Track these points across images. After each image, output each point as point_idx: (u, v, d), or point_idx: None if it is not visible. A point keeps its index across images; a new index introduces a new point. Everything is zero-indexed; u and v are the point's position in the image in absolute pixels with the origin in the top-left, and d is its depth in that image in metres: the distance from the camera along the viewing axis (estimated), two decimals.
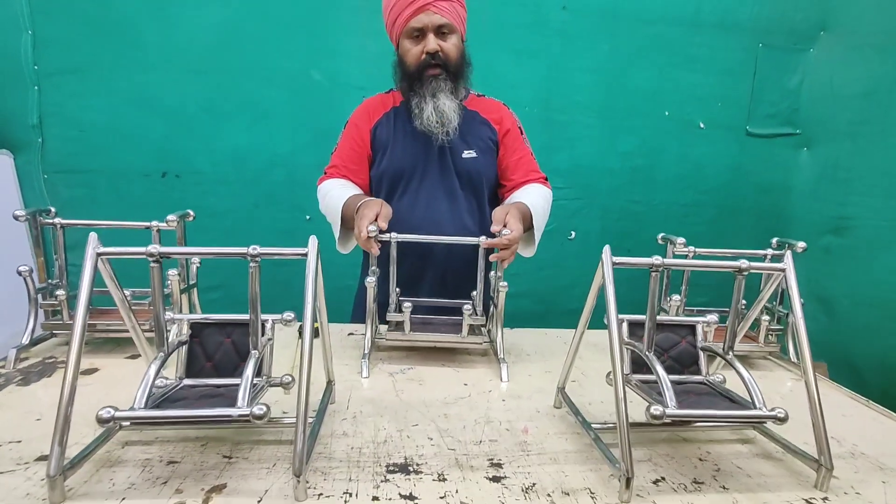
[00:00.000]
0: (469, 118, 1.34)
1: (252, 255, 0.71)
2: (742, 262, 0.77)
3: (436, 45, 1.23)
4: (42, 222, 1.06)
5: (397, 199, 1.32)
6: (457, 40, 1.27)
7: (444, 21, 1.22)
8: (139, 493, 0.64)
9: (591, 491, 0.68)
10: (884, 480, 0.74)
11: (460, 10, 1.27)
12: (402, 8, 1.22)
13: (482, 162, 1.34)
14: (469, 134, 1.33)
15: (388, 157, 1.32)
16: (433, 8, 1.20)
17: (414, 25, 1.22)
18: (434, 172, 1.31)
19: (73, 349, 0.64)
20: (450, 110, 1.26)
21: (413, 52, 1.26)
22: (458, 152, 1.32)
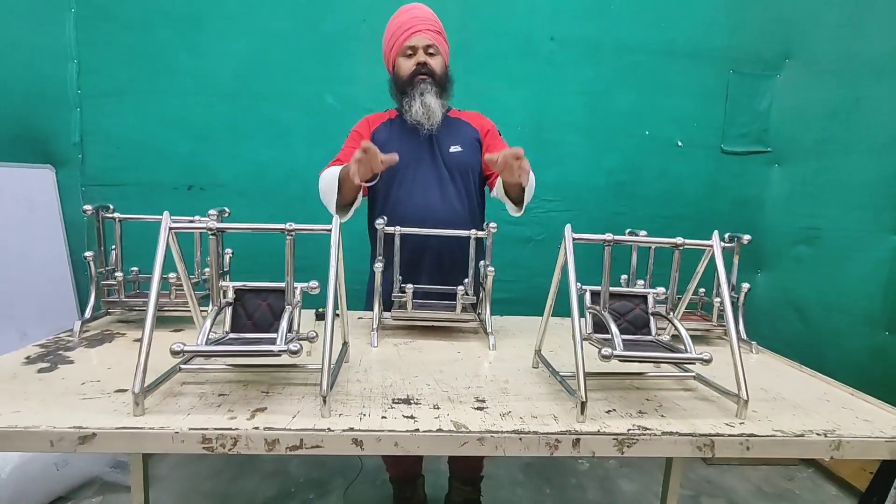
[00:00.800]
0: (454, 122, 1.63)
1: (288, 230, 0.91)
2: (678, 238, 0.96)
3: (425, 58, 1.53)
4: (104, 216, 1.25)
5: (395, 188, 1.55)
6: (441, 60, 1.56)
7: (431, 42, 1.53)
8: (199, 412, 0.82)
9: (555, 416, 0.85)
10: (794, 414, 0.91)
11: (444, 43, 1.59)
12: (400, 33, 1.53)
13: (467, 155, 1.59)
14: (454, 133, 1.60)
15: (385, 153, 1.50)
16: (423, 33, 1.52)
17: (408, 45, 1.52)
18: (426, 165, 1.55)
19: (151, 298, 0.83)
20: (435, 105, 1.52)
21: (406, 65, 1.55)
22: (445, 147, 1.57)
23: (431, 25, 1.54)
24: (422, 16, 1.54)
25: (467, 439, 0.79)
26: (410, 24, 1.52)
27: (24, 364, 0.99)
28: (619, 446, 0.80)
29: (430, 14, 1.57)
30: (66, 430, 0.74)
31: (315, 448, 0.77)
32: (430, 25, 1.53)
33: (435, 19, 1.57)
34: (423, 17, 1.54)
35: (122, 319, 1.31)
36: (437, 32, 1.55)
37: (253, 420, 0.79)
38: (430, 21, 1.54)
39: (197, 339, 0.85)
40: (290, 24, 2.25)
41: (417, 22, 1.52)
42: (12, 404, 0.81)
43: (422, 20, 1.53)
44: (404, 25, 1.52)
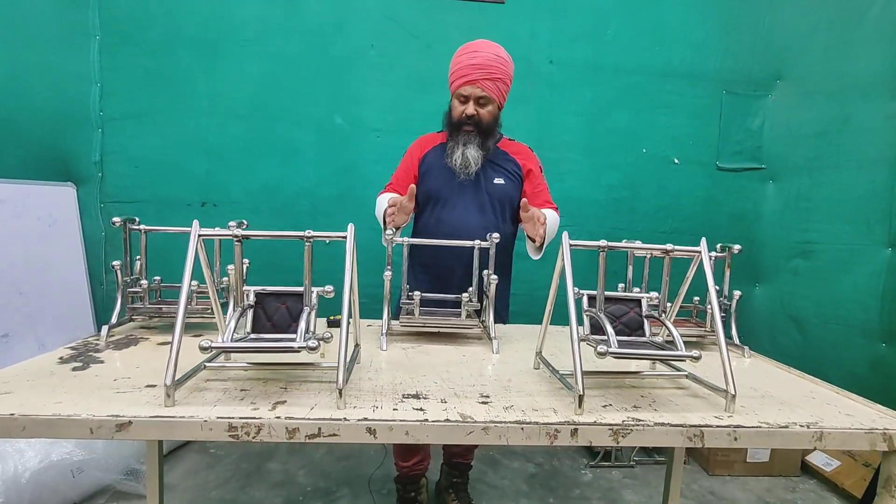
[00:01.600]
0: (501, 154, 1.71)
1: (307, 237, 0.99)
2: (668, 245, 1.03)
3: (473, 110, 1.60)
4: (130, 228, 1.33)
5: (439, 209, 1.66)
6: (493, 108, 1.64)
7: (484, 94, 1.59)
8: (224, 404, 0.88)
9: (555, 409, 0.92)
10: (780, 409, 0.97)
11: (503, 87, 1.63)
12: (458, 76, 1.60)
13: (507, 187, 1.69)
14: (499, 166, 1.70)
15: (432, 178, 1.68)
16: (478, 83, 1.57)
17: (462, 92, 1.60)
18: (469, 191, 1.66)
19: (182, 299, 0.90)
20: (473, 158, 1.61)
21: (458, 109, 1.63)
22: (490, 178, 1.68)
23: (489, 74, 1.56)
24: (482, 63, 1.55)
25: (473, 428, 0.85)
26: (467, 73, 1.56)
27: (59, 363, 1.06)
28: (615, 436, 0.86)
29: (493, 59, 1.57)
30: (104, 417, 0.81)
31: (332, 436, 0.83)
32: (487, 74, 1.56)
33: (496, 65, 1.57)
34: (483, 64, 1.55)
35: (144, 326, 1.38)
36: (496, 80, 1.58)
37: (274, 411, 0.86)
38: (489, 69, 1.56)
39: (222, 337, 0.92)
40: (302, 48, 2.37)
41: (474, 71, 1.55)
42: (53, 396, 0.88)
43: (480, 68, 1.55)
44: (461, 72, 1.57)
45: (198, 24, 2.30)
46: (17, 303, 2.09)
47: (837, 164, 2.43)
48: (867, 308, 2.35)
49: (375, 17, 2.39)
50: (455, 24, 2.43)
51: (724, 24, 2.55)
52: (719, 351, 0.95)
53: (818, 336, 2.51)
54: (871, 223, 2.33)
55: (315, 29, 2.37)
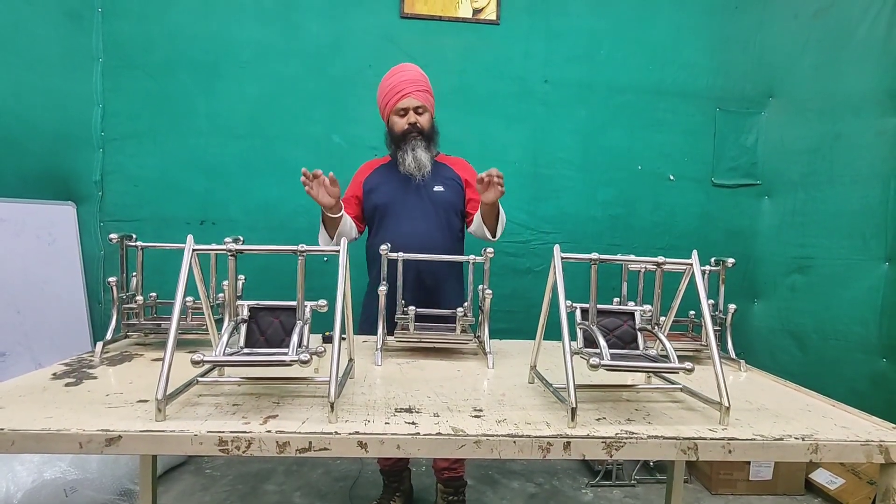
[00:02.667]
0: (440, 166, 1.88)
1: (300, 251, 0.99)
2: (659, 258, 1.03)
3: (415, 118, 1.78)
4: (127, 244, 1.34)
5: (387, 219, 1.78)
6: (428, 117, 1.82)
7: (420, 104, 1.78)
8: (215, 419, 0.88)
9: (548, 423, 0.91)
10: (775, 422, 0.96)
11: (430, 98, 1.83)
12: (391, 95, 1.78)
13: (448, 194, 1.84)
14: (438, 176, 1.85)
15: (378, 193, 1.82)
16: (413, 95, 1.77)
17: (400, 106, 1.77)
18: (413, 201, 1.81)
19: (175, 314, 0.90)
20: (424, 159, 1.78)
21: (399, 123, 1.79)
22: (430, 188, 1.82)
23: (420, 87, 1.77)
24: (411, 78, 1.76)
25: (465, 442, 0.84)
26: (401, 88, 1.75)
27: (52, 379, 1.06)
28: (608, 449, 0.86)
29: (419, 75, 1.79)
30: (94, 432, 0.80)
31: (323, 450, 0.83)
32: (418, 87, 1.76)
33: (423, 79, 1.79)
34: (413, 79, 1.76)
35: (139, 343, 1.38)
36: (425, 91, 1.79)
37: (265, 425, 0.85)
38: (418, 83, 1.77)
39: (214, 351, 0.92)
40: (301, 70, 2.42)
41: (407, 85, 1.75)
42: (45, 411, 0.87)
43: (411, 83, 1.75)
44: (395, 88, 1.76)
45: (198, 46, 2.35)
46: (14, 321, 2.09)
47: (831, 179, 2.45)
48: (866, 323, 2.34)
49: (372, 39, 2.44)
50: (450, 45, 2.48)
51: (715, 44, 2.60)
52: (713, 364, 0.95)
53: (818, 352, 2.50)
54: (867, 238, 2.34)
55: (313, 50, 2.42)
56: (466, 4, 2.50)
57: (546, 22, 2.52)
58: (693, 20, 2.58)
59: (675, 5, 2.57)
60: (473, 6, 2.50)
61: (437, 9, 2.48)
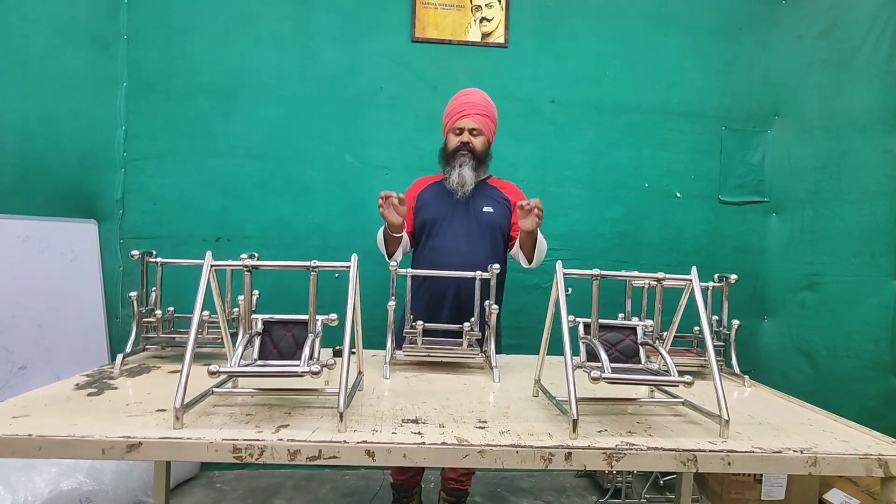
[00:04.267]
0: (491, 188, 1.92)
1: (312, 267, 1.04)
2: (660, 273, 1.06)
3: (468, 138, 1.84)
4: (147, 261, 1.40)
5: (433, 237, 1.82)
6: (483, 140, 1.87)
7: (476, 126, 1.84)
8: (230, 427, 0.92)
9: (550, 434, 0.94)
10: (775, 435, 0.98)
11: (491, 124, 1.88)
12: (453, 115, 1.85)
13: (496, 215, 1.85)
14: (489, 197, 1.88)
15: (427, 209, 1.86)
16: (471, 117, 1.83)
17: (457, 126, 1.84)
18: (460, 219, 1.83)
19: (193, 324, 0.95)
20: (469, 177, 1.81)
21: (453, 140, 1.86)
22: (479, 207, 1.85)
23: (480, 110, 1.83)
24: (473, 102, 1.83)
25: (469, 452, 0.87)
26: (462, 109, 1.83)
27: (75, 389, 1.11)
28: (608, 460, 0.88)
29: (482, 100, 1.85)
30: (116, 439, 0.85)
31: (332, 458, 0.86)
32: (478, 110, 1.83)
33: (485, 104, 1.85)
34: (475, 102, 1.83)
35: (157, 355, 1.43)
36: (485, 116, 1.84)
37: (277, 433, 0.89)
38: (479, 106, 1.84)
39: (230, 363, 0.97)
40: (315, 92, 2.50)
41: (468, 107, 1.83)
42: (70, 419, 0.92)
43: (472, 105, 1.83)
44: (457, 109, 1.84)
45: (217, 71, 2.45)
46: (36, 336, 2.16)
47: (839, 197, 2.45)
48: (877, 340, 2.32)
49: (385, 63, 2.52)
50: (461, 68, 2.55)
51: (720, 65, 2.64)
52: (711, 376, 0.97)
53: (829, 370, 2.47)
54: (876, 255, 2.34)
55: (328, 74, 2.50)
56: (475, 28, 2.57)
57: (553, 45, 2.59)
58: (698, 42, 2.63)
59: (681, 28, 2.63)
60: (482, 30, 2.58)
61: (447, 33, 2.56)
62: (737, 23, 2.64)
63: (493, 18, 2.58)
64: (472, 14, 2.57)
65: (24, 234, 2.14)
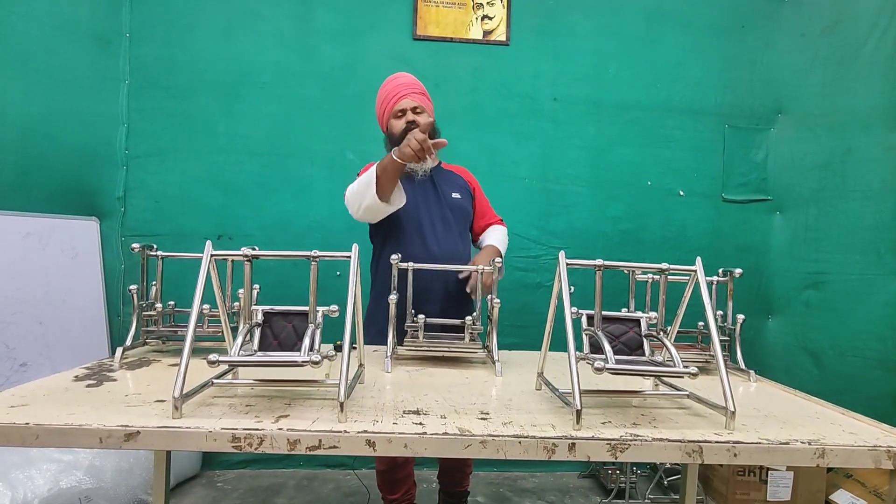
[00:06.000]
0: (449, 173, 1.91)
1: (313, 257, 1.03)
2: (664, 264, 1.05)
3: (413, 117, 1.76)
4: (148, 254, 1.40)
5: (405, 226, 1.76)
6: (426, 116, 1.79)
7: (416, 104, 1.77)
8: (229, 418, 0.90)
9: (553, 425, 0.92)
10: (781, 427, 0.96)
11: (428, 102, 1.83)
12: (389, 98, 1.79)
13: (463, 201, 1.86)
14: (451, 184, 1.87)
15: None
16: (409, 96, 1.77)
17: (398, 108, 1.76)
18: (433, 207, 1.80)
19: (193, 316, 0.94)
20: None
21: (398, 124, 1.77)
22: (448, 193, 1.83)
23: (415, 89, 1.80)
24: (406, 82, 1.79)
25: (471, 442, 0.86)
26: (397, 91, 1.78)
27: (74, 381, 1.10)
28: (612, 451, 0.86)
29: (413, 80, 1.82)
30: (114, 427, 0.84)
31: (332, 448, 0.85)
32: (414, 89, 1.79)
33: (418, 83, 1.82)
34: (408, 83, 1.79)
35: (157, 350, 1.42)
36: (421, 94, 1.80)
37: (277, 423, 0.88)
38: (413, 86, 1.80)
39: (230, 352, 0.96)
40: (317, 90, 2.50)
41: (402, 88, 1.78)
42: (67, 409, 0.91)
43: (406, 86, 1.78)
44: (392, 92, 1.79)
45: (219, 69, 2.45)
46: (36, 333, 2.15)
47: (843, 194, 2.44)
48: (884, 339, 2.30)
49: (386, 60, 2.52)
50: (461, 65, 2.54)
51: (721, 62, 2.63)
52: (717, 367, 0.96)
53: (836, 369, 2.45)
54: (882, 253, 2.32)
55: (329, 72, 2.50)
56: (477, 26, 2.57)
57: (554, 43, 2.59)
58: (700, 40, 2.63)
59: (682, 26, 2.62)
60: (484, 28, 2.57)
61: (449, 31, 2.56)
62: (739, 20, 2.63)
63: (494, 16, 2.57)
64: (474, 12, 2.57)
65: (24, 231, 2.14)
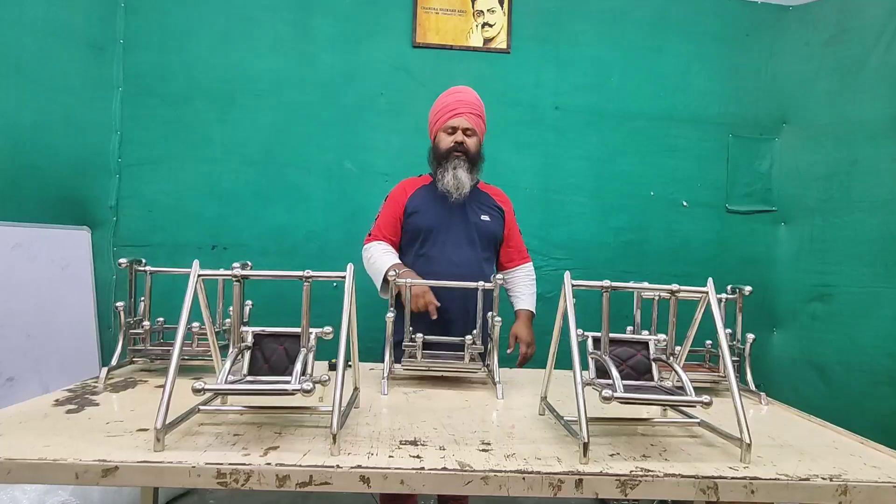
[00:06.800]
0: (482, 195, 1.82)
1: (305, 277, 0.98)
2: (674, 286, 1.00)
3: (462, 138, 1.72)
4: (136, 269, 1.35)
5: (428, 247, 1.70)
6: (476, 141, 1.76)
7: (470, 126, 1.73)
8: (215, 449, 0.85)
9: (559, 458, 0.87)
10: (800, 460, 0.91)
11: (483, 125, 1.79)
12: (444, 112, 1.74)
13: (493, 224, 1.78)
14: (483, 205, 1.80)
15: (421, 216, 1.73)
16: (465, 116, 1.72)
17: (450, 124, 1.72)
18: (458, 227, 1.73)
19: (178, 340, 0.89)
20: (464, 179, 1.70)
21: (446, 140, 1.74)
22: (476, 215, 1.76)
23: (473, 109, 1.73)
24: (466, 100, 1.73)
25: (471, 478, 0.81)
26: (455, 107, 1.72)
27: (54, 406, 1.05)
28: (622, 487, 0.81)
29: (475, 98, 1.75)
30: (90, 462, 0.78)
31: (324, 485, 0.80)
32: (472, 109, 1.73)
33: (478, 104, 1.75)
34: (468, 101, 1.73)
35: (145, 368, 1.37)
36: (478, 116, 1.74)
37: (266, 457, 0.83)
38: (472, 105, 1.73)
39: (217, 379, 0.91)
40: (314, 98, 2.45)
41: (461, 105, 1.72)
42: (43, 439, 0.86)
43: (465, 104, 1.72)
44: (449, 106, 1.73)
45: (215, 76, 2.40)
46: (24, 346, 2.09)
47: (849, 206, 2.40)
48: (892, 354, 2.26)
49: (385, 68, 2.48)
50: (462, 73, 2.50)
51: (725, 71, 2.59)
52: (732, 397, 0.91)
53: (843, 384, 2.40)
54: (889, 266, 2.28)
55: (327, 80, 2.46)
56: (477, 34, 2.53)
57: (556, 51, 2.55)
58: (704, 49, 2.59)
59: (685, 34, 2.58)
60: (484, 35, 2.54)
61: (449, 38, 2.52)
62: (743, 29, 2.59)
63: (495, 24, 2.54)
64: (474, 19, 2.53)
65: (13, 242, 2.09)
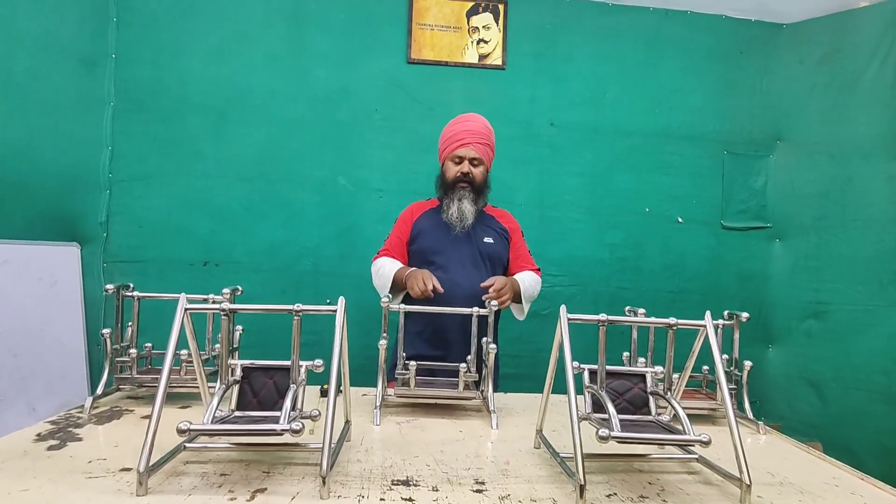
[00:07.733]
0: (488, 218, 1.84)
1: (295, 311, 0.96)
2: (671, 319, 0.99)
3: (468, 169, 1.74)
4: (123, 295, 1.32)
5: (434, 268, 1.69)
6: (483, 170, 1.78)
7: (477, 156, 1.75)
8: (201, 492, 0.83)
9: (554, 500, 0.85)
10: (800, 501, 0.89)
11: (490, 153, 1.81)
12: (452, 142, 1.75)
13: (497, 246, 1.79)
14: (488, 227, 1.81)
15: (427, 238, 1.76)
16: (472, 146, 1.74)
17: (457, 154, 1.75)
18: (463, 250, 1.73)
19: (163, 375, 0.87)
20: (468, 212, 1.73)
21: (452, 170, 1.76)
22: (480, 237, 1.77)
23: (481, 139, 1.74)
24: (474, 129, 1.74)
25: None
26: (462, 137, 1.73)
27: (35, 441, 1.01)
28: None
29: (482, 126, 1.76)
30: None
31: None
32: (478, 139, 1.74)
33: (486, 132, 1.76)
34: (475, 130, 1.74)
35: (131, 396, 1.34)
36: (485, 145, 1.75)
37: (252, 501, 0.80)
38: (480, 135, 1.74)
39: (203, 417, 0.88)
40: (308, 114, 2.44)
41: (468, 135, 1.73)
42: (21, 482, 0.83)
43: (472, 133, 1.73)
44: (457, 136, 1.74)
45: (208, 91, 2.38)
46: (10, 365, 2.05)
47: (844, 223, 2.40)
48: (888, 372, 2.25)
49: (380, 84, 2.47)
50: (457, 89, 2.50)
51: (721, 88, 2.60)
52: (731, 434, 0.89)
53: (839, 402, 2.39)
54: (885, 284, 2.28)
55: (321, 95, 2.45)
56: (472, 50, 2.53)
57: (552, 67, 2.55)
58: (699, 66, 2.60)
59: (680, 52, 2.59)
60: (479, 52, 2.53)
61: (444, 54, 2.51)
62: (737, 46, 2.60)
63: (490, 40, 2.53)
64: (470, 35, 2.53)
65: (1, 258, 2.05)
